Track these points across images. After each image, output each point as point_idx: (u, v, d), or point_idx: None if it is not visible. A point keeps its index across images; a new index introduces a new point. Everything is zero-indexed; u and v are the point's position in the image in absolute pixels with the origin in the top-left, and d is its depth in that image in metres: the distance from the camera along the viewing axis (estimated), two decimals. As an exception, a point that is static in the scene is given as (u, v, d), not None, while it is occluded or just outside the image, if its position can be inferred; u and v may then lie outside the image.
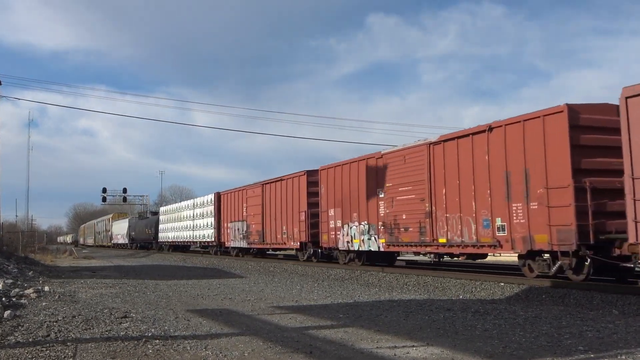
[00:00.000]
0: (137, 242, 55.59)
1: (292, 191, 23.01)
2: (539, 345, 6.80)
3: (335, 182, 19.85)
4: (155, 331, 7.96)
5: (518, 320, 8.69)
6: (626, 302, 10.02)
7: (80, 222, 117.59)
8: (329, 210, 20.21)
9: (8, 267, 19.05)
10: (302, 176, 22.52)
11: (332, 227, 20.05)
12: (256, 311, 10.17)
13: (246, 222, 27.79)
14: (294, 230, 22.79)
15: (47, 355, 6.39)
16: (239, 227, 28.78)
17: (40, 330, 8.03)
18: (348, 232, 19.06)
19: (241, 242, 28.53)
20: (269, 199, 25.34)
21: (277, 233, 24.26)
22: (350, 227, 18.95)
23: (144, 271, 22.44)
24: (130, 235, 56.95)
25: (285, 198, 23.62)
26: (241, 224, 28.53)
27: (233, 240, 29.71)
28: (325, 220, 20.52)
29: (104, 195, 71.73)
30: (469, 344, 6.94)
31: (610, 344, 6.83)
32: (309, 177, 22.06)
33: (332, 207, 20.05)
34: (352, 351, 6.61)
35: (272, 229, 24.83)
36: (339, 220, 19.64)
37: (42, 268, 23.41)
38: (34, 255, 33.59)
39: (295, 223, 22.62)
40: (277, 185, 24.56)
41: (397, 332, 7.80)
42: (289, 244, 23.46)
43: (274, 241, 24.67)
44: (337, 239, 19.72)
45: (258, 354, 6.46)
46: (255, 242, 26.92)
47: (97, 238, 79.18)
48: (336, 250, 20.17)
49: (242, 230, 28.26)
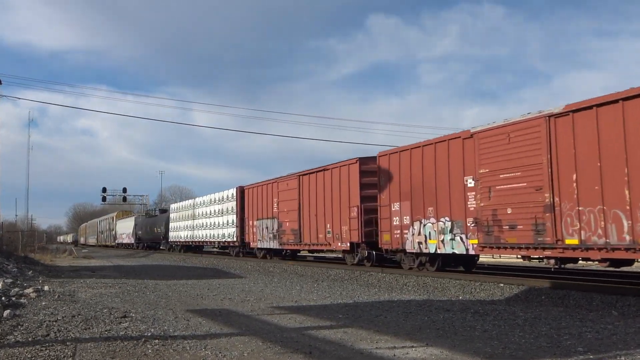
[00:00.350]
0: (144, 241, 52.24)
1: (340, 183, 19.52)
2: (539, 346, 6.80)
3: (402, 170, 16.32)
4: (155, 331, 7.97)
5: (517, 321, 8.69)
6: (625, 303, 10.03)
7: (80, 221, 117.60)
8: (392, 205, 16.79)
9: (8, 267, 19.05)
10: (353, 164, 18.94)
11: (396, 224, 16.61)
12: (256, 311, 10.17)
13: (277, 219, 24.19)
14: (342, 229, 19.35)
15: (47, 355, 6.39)
16: (268, 225, 25.28)
17: (40, 329, 8.03)
18: (420, 230, 15.64)
19: (271, 242, 24.98)
20: (307, 192, 21.81)
21: (319, 232, 20.84)
22: (423, 225, 15.58)
23: (143, 271, 22.44)
24: (136, 234, 53.84)
25: (330, 191, 20.18)
26: (271, 222, 24.96)
27: (260, 241, 26.18)
28: (386, 216, 17.10)
29: (103, 195, 71.65)
30: (468, 345, 6.94)
31: (610, 345, 6.83)
32: (362, 166, 18.55)
33: (396, 201, 16.64)
34: (351, 351, 6.61)
35: (312, 228, 21.36)
36: (406, 216, 16.23)
37: (41, 267, 23.41)
38: (34, 255, 33.59)
39: (344, 220, 19.14)
40: (319, 176, 21.04)
41: (397, 333, 7.80)
42: (335, 245, 19.93)
43: (315, 241, 21.20)
44: (404, 239, 16.29)
45: (257, 354, 6.46)
46: (289, 243, 23.29)
47: (99, 237, 76.33)
48: (401, 252, 16.82)
49: (272, 228, 24.80)
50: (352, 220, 18.69)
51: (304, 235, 21.96)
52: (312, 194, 21.49)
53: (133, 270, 23.22)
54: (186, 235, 37.88)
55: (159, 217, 48.96)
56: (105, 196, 71.87)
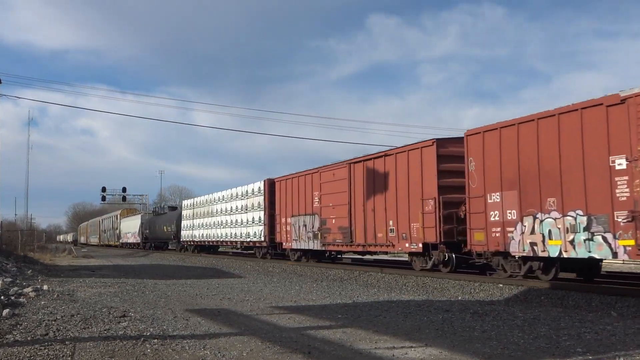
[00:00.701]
0: (151, 241, 49.27)
1: (408, 170, 16.17)
2: (538, 347, 6.81)
3: (503, 152, 13.18)
4: (154, 330, 7.97)
5: (517, 322, 8.70)
6: (625, 304, 10.04)
7: (79, 221, 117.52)
8: (489, 196, 13.45)
9: (7, 266, 19.05)
10: (428, 147, 15.53)
11: (494, 220, 13.31)
12: (255, 311, 10.17)
13: (319, 215, 20.72)
14: (410, 227, 16.02)
15: (46, 354, 6.39)
16: (307, 222, 21.72)
17: (39, 329, 8.03)
18: (534, 228, 12.28)
19: (310, 242, 21.42)
20: (361, 183, 18.40)
21: (378, 230, 17.42)
22: (539, 221, 12.16)
23: (143, 271, 22.44)
24: (143, 233, 50.64)
25: (393, 181, 16.84)
26: (310, 219, 21.43)
27: (296, 240, 22.53)
28: (478, 210, 13.64)
29: (103, 195, 71.71)
30: (468, 345, 6.94)
31: (609, 346, 6.83)
32: (439, 149, 15.24)
33: (494, 191, 13.32)
34: (350, 351, 6.61)
35: (368, 225, 17.93)
36: (511, 210, 12.88)
37: (41, 267, 23.40)
38: (33, 254, 33.59)
39: (414, 216, 15.86)
40: (378, 163, 17.66)
41: (396, 333, 7.80)
42: (401, 246, 16.61)
43: (372, 241, 17.75)
44: (507, 239, 12.92)
45: (256, 354, 6.46)
46: (336, 243, 19.84)
47: (102, 237, 73.36)
48: (502, 255, 13.43)
49: (312, 226, 21.25)
50: (427, 215, 15.37)
51: (356, 234, 18.56)
52: (368, 184, 18.00)
53: (132, 269, 23.22)
54: (201, 235, 34.60)
55: (169, 214, 45.87)
56: (104, 196, 71.96)
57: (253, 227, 26.67)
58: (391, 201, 16.93)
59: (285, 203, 23.64)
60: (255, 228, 26.47)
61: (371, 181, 17.89)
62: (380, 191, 17.45)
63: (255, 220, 26.48)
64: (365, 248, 18.46)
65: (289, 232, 23.32)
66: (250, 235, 27.08)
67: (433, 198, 15.20)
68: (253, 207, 26.72)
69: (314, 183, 21.34)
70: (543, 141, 12.21)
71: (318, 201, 20.97)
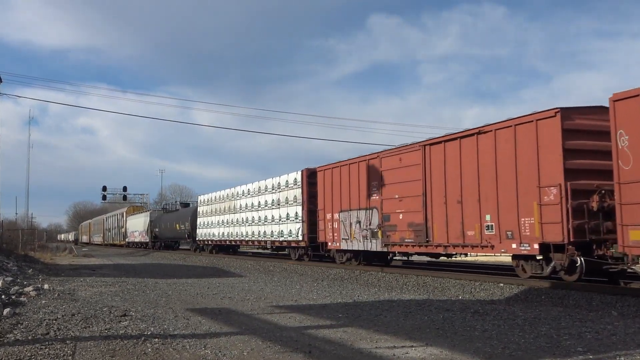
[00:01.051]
0: (162, 240, 46.17)
1: (515, 150, 12.95)
2: (538, 346, 6.80)
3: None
4: (155, 330, 7.97)
5: (517, 321, 8.69)
6: (625, 303, 10.03)
7: (80, 220, 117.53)
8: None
9: (8, 265, 19.06)
10: (546, 120, 12.35)
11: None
12: (255, 310, 10.17)
13: (379, 210, 17.30)
14: (520, 222, 12.73)
15: (47, 353, 6.39)
16: (361, 218, 18.26)
17: (40, 328, 8.04)
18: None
19: (367, 242, 17.95)
20: (441, 168, 14.97)
21: (468, 227, 14.18)
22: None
23: (143, 270, 22.45)
24: (152, 232, 47.70)
25: (491, 164, 13.53)
26: (365, 214, 17.99)
27: (346, 240, 19.08)
28: (637, 199, 10.21)
29: (104, 194, 71.67)
30: (468, 345, 6.94)
31: (609, 345, 6.83)
32: (565, 122, 12.05)
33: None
34: (351, 351, 6.61)
35: (451, 220, 14.69)
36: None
37: (41, 266, 23.41)
38: (34, 254, 33.59)
39: (525, 208, 12.62)
40: (467, 144, 14.35)
41: (396, 332, 7.80)
42: (505, 247, 13.19)
43: (459, 240, 14.44)
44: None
45: (257, 353, 6.46)
46: (405, 243, 16.28)
47: (106, 235, 70.46)
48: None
49: (368, 223, 17.86)
50: (547, 208, 12.13)
51: (434, 231, 15.19)
52: (452, 170, 14.73)
53: (133, 269, 23.23)
54: (221, 233, 31.31)
55: (182, 211, 42.63)
56: (105, 195, 71.90)
57: (287, 224, 23.19)
58: (488, 190, 13.54)
59: (330, 196, 20.14)
60: (290, 226, 22.97)
61: (456, 165, 14.57)
62: (471, 178, 14.12)
63: (290, 217, 22.97)
64: (447, 249, 15.01)
65: (336, 230, 19.78)
66: (283, 234, 23.63)
67: (557, 185, 11.92)
68: (287, 202, 23.24)
69: (371, 171, 17.81)
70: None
71: (377, 193, 17.52)
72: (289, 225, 23.16)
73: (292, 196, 22.97)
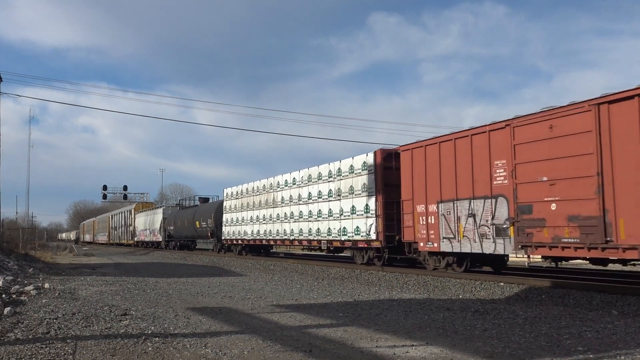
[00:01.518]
0: (177, 239, 41.86)
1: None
2: (539, 346, 6.80)
3: None
4: (155, 329, 7.98)
5: (517, 320, 8.70)
6: (625, 302, 10.03)
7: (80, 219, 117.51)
8: None
9: (8, 264, 19.07)
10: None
11: None
12: (256, 309, 10.18)
13: (510, 198, 13.02)
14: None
15: (47, 352, 6.40)
16: (476, 210, 14.02)
17: (40, 327, 8.04)
18: None
19: (487, 242, 13.62)
20: (631, 135, 10.64)
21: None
22: None
23: (144, 269, 22.46)
24: (166, 230, 43.46)
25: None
26: (484, 205, 13.76)
27: (451, 239, 14.76)
28: None
29: (104, 193, 71.55)
30: (469, 344, 6.94)
31: (610, 345, 6.83)
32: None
33: None
34: (351, 350, 6.61)
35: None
36: None
37: (42, 265, 23.43)
38: (34, 253, 33.62)
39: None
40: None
41: (397, 332, 7.80)
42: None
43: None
44: None
45: (257, 353, 6.46)
46: (564, 243, 11.62)
47: (112, 234, 66.62)
48: None
49: (491, 216, 13.54)
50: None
51: (619, 227, 10.72)
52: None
53: (133, 268, 23.24)
54: (255, 231, 26.95)
55: (204, 206, 37.60)
56: (105, 194, 71.80)
57: (353, 219, 18.75)
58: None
59: (423, 182, 15.80)
60: (356, 221, 18.51)
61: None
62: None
63: (357, 210, 18.57)
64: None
65: (432, 227, 15.47)
66: (346, 232, 19.03)
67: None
68: (352, 192, 18.85)
69: (494, 146, 13.57)
70: None
71: (505, 175, 13.29)
72: (354, 220, 18.65)
73: (359, 184, 18.50)
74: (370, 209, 17.76)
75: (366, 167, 18.13)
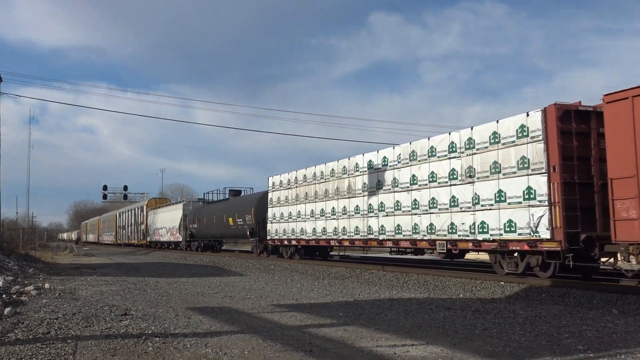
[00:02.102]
0: (202, 239, 36.66)
1: None
2: (539, 345, 6.81)
3: None
4: (156, 329, 7.98)
5: (518, 320, 8.70)
6: (626, 301, 10.03)
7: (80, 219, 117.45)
8: None
9: (8, 264, 19.07)
10: None
11: None
12: (256, 309, 10.18)
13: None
14: None
15: (47, 353, 6.40)
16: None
17: (41, 327, 8.04)
18: None
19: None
20: None
21: None
22: None
23: (144, 269, 22.46)
24: (187, 228, 38.42)
25: None
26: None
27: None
28: None
29: (104, 193, 71.58)
30: (469, 343, 6.94)
31: (610, 344, 6.83)
32: None
33: None
34: (351, 350, 6.61)
35: None
36: None
37: (42, 265, 23.43)
38: (34, 253, 33.63)
39: None
40: None
41: (397, 331, 7.81)
42: None
43: None
44: None
45: (258, 352, 6.46)
46: None
47: (120, 234, 61.00)
48: None
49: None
50: None
51: None
52: None
53: (134, 268, 23.24)
54: (321, 229, 20.81)
55: (239, 199, 31.83)
56: (105, 194, 71.81)
57: (499, 210, 13.09)
58: None
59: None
60: (507, 213, 12.88)
61: None
62: None
63: (506, 197, 12.89)
64: None
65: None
66: (486, 228, 13.50)
67: None
68: (498, 169, 13.15)
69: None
70: None
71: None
72: (503, 212, 13.00)
73: (511, 158, 12.87)
74: (537, 193, 12.18)
75: (526, 132, 12.52)
